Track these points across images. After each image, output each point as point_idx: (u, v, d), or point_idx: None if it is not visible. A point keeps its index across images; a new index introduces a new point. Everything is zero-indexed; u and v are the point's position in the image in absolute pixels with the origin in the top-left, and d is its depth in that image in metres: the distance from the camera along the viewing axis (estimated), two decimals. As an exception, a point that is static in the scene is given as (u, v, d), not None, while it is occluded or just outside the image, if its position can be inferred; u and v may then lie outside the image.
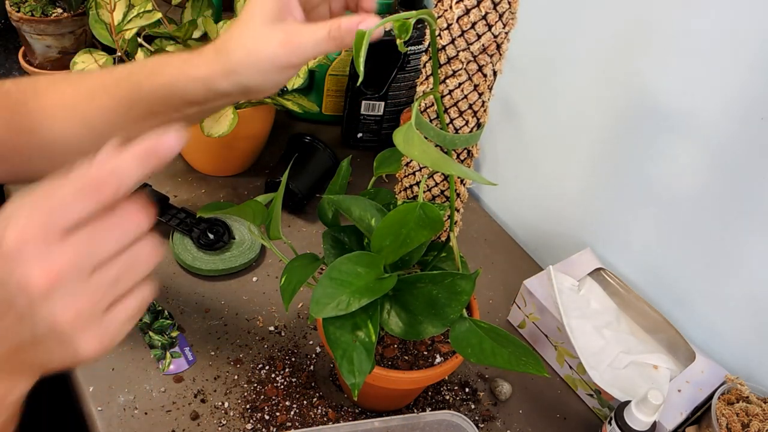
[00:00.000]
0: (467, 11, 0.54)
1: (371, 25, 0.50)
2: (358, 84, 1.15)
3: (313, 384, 0.85)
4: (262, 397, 0.82)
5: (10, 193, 1.01)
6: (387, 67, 1.12)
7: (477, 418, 0.85)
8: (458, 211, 0.70)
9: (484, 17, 0.54)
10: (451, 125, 0.61)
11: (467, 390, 0.88)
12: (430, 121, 0.62)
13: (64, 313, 0.38)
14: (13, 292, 0.37)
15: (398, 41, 0.48)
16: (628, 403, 0.75)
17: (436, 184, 0.68)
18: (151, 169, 0.39)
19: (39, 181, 0.38)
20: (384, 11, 1.14)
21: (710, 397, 0.82)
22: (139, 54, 0.97)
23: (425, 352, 0.75)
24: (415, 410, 0.84)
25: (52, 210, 0.36)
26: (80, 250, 0.37)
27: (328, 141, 1.12)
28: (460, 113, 0.60)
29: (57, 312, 0.37)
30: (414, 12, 0.47)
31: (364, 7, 0.60)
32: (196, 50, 0.60)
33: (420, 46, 1.11)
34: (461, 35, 0.55)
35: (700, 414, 0.82)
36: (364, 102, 1.16)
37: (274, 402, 0.82)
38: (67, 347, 0.39)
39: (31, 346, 0.39)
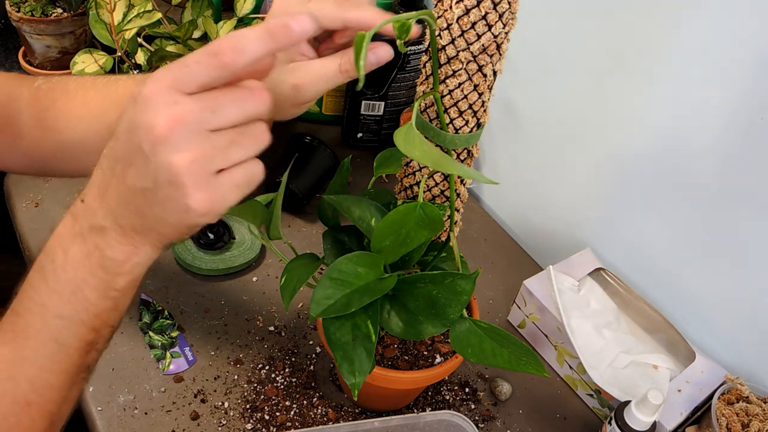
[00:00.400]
0: (467, 11, 0.54)
1: (383, 53, 0.51)
2: (358, 88, 1.15)
3: (313, 384, 0.85)
4: (262, 397, 0.82)
5: (10, 191, 1.01)
6: (387, 67, 1.11)
7: (477, 418, 0.85)
8: (458, 211, 0.70)
9: (484, 17, 0.54)
10: (451, 125, 0.61)
11: (467, 390, 0.88)
12: (430, 121, 0.62)
13: (180, 158, 0.41)
14: (141, 136, 0.41)
15: (398, 42, 0.48)
16: (628, 403, 0.75)
17: (436, 184, 0.68)
18: (279, 46, 0.42)
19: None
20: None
21: (710, 397, 0.82)
22: (139, 54, 0.97)
23: (425, 352, 0.75)
24: (415, 410, 0.84)
25: (181, 70, 0.41)
26: (203, 106, 0.42)
27: (328, 141, 1.12)
28: (460, 113, 0.60)
29: (174, 157, 0.41)
30: (414, 13, 0.47)
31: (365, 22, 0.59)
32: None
33: (420, 46, 1.11)
34: (461, 35, 0.55)
35: (700, 414, 0.82)
36: (364, 102, 1.16)
37: (274, 402, 0.82)
38: (180, 198, 0.43)
39: (151, 193, 0.43)
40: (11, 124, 0.65)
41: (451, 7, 0.54)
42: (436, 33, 0.57)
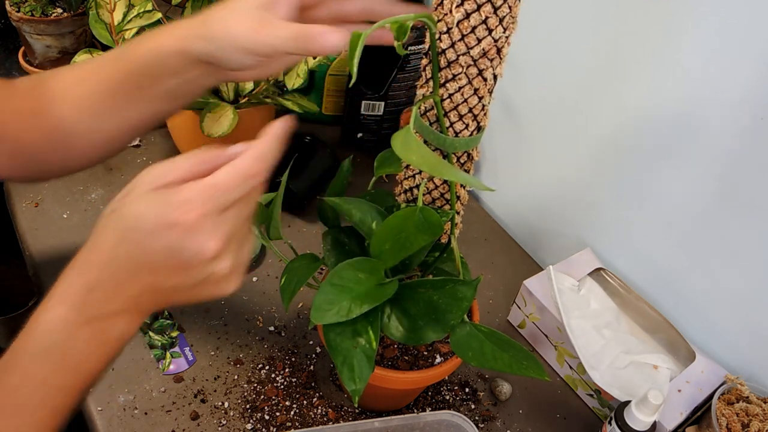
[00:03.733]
0: (467, 15, 0.54)
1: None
2: (350, 85, 1.15)
3: (313, 384, 0.85)
4: (262, 397, 0.82)
5: (10, 191, 1.01)
6: (387, 67, 1.12)
7: (477, 418, 0.85)
8: (458, 213, 0.70)
9: (485, 21, 0.54)
10: (450, 129, 0.61)
11: (467, 390, 0.88)
12: (430, 124, 0.61)
13: (226, 261, 0.51)
14: (190, 257, 0.49)
15: (396, 44, 0.47)
16: (628, 403, 0.76)
17: (436, 187, 0.68)
18: (278, 150, 0.53)
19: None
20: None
21: (710, 397, 0.82)
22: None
23: (425, 353, 0.75)
24: (415, 410, 0.84)
25: (219, 195, 0.49)
26: (235, 221, 0.50)
27: (328, 141, 1.12)
28: (460, 117, 0.60)
29: (223, 266, 0.51)
30: (412, 14, 0.47)
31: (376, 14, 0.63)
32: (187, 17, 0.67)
33: (420, 46, 1.11)
34: (461, 39, 0.55)
35: (700, 414, 0.83)
36: (364, 102, 1.16)
37: (274, 402, 0.82)
38: (224, 288, 0.53)
39: (194, 289, 0.52)
40: None
41: (451, 11, 0.54)
42: (436, 37, 0.57)
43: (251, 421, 0.79)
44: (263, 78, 0.60)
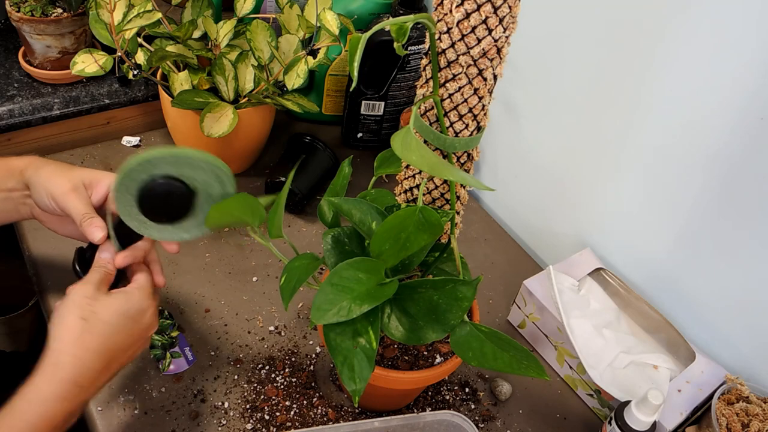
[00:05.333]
0: (467, 15, 0.53)
1: (94, 231, 0.69)
2: (351, 89, 1.15)
3: (313, 384, 0.85)
4: (262, 397, 0.82)
5: None
6: (387, 67, 1.12)
7: (477, 418, 0.85)
8: (458, 213, 0.70)
9: (485, 21, 0.54)
10: (450, 129, 0.61)
11: (467, 390, 0.88)
12: (430, 124, 0.61)
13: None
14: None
15: (396, 45, 0.47)
16: (628, 403, 0.76)
17: (436, 187, 0.68)
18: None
19: None
20: (383, 11, 1.14)
21: (710, 397, 0.82)
22: (139, 54, 0.97)
23: (425, 353, 0.75)
24: (415, 410, 0.84)
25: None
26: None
27: (328, 141, 1.12)
28: (460, 117, 0.60)
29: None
30: (412, 16, 0.47)
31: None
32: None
33: (420, 46, 1.11)
34: (461, 39, 0.55)
35: (700, 414, 0.83)
36: (364, 102, 1.16)
37: (274, 402, 0.82)
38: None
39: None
40: None
41: (451, 11, 0.54)
42: (436, 36, 0.57)
43: (251, 421, 0.80)
44: (60, 232, 0.78)
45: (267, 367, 0.86)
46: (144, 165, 0.64)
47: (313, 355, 0.88)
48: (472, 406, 0.86)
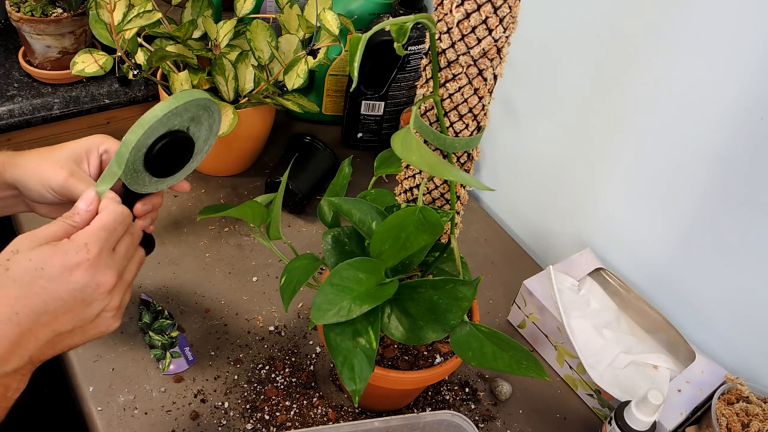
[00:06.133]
0: (467, 15, 0.53)
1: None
2: (351, 89, 1.15)
3: (313, 384, 0.85)
4: (262, 397, 0.82)
5: None
6: (387, 67, 1.12)
7: (477, 418, 0.85)
8: (458, 213, 0.70)
9: (485, 21, 0.54)
10: (451, 129, 0.61)
11: (467, 390, 0.88)
12: (430, 124, 0.61)
13: (117, 297, 0.60)
14: (91, 292, 0.57)
15: (396, 45, 0.47)
16: (628, 403, 0.76)
17: (436, 187, 0.68)
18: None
19: None
20: (383, 11, 1.14)
21: (710, 397, 0.82)
22: (139, 54, 0.97)
23: (425, 353, 0.75)
24: (415, 410, 0.84)
25: (107, 235, 0.58)
26: (123, 260, 0.61)
27: (328, 141, 1.12)
28: (460, 117, 0.60)
29: (115, 301, 0.59)
30: (412, 16, 0.47)
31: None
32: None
33: (420, 46, 1.11)
34: (461, 39, 0.55)
35: (700, 414, 0.83)
36: (364, 102, 1.16)
37: (274, 402, 0.82)
38: (111, 324, 0.60)
39: (85, 328, 0.59)
40: None
41: (451, 11, 0.54)
42: (436, 36, 0.57)
43: (251, 421, 0.80)
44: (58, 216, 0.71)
45: (267, 367, 0.86)
46: (147, 132, 0.62)
47: (313, 355, 0.88)
48: (472, 406, 0.86)
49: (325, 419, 0.81)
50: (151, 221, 0.70)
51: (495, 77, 0.59)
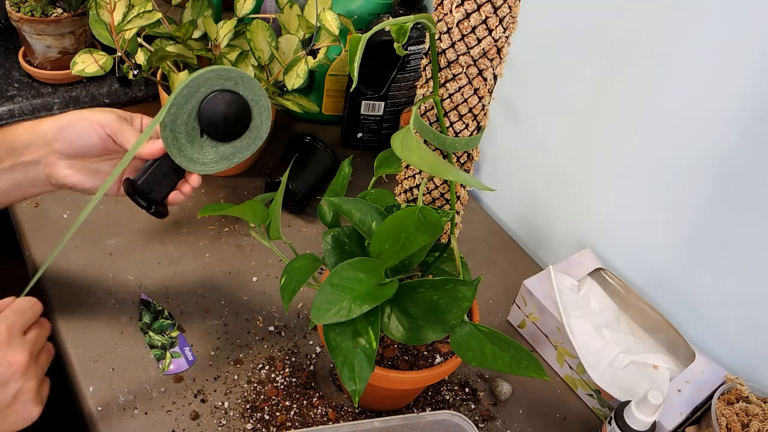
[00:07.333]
0: (467, 15, 0.54)
1: (147, 148, 0.69)
2: (351, 89, 1.15)
3: (313, 384, 0.85)
4: (262, 397, 0.82)
5: None
6: (387, 67, 1.12)
7: (477, 418, 0.85)
8: (458, 213, 0.70)
9: (485, 21, 0.54)
10: (450, 129, 0.61)
11: (467, 390, 0.88)
12: (430, 124, 0.61)
13: (32, 381, 0.60)
14: (3, 371, 0.58)
15: (396, 45, 0.47)
16: (628, 403, 0.76)
17: (436, 187, 0.68)
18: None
19: None
20: (383, 11, 1.14)
21: (710, 397, 0.82)
22: (139, 54, 0.97)
23: (425, 353, 0.75)
24: (415, 410, 0.84)
25: (16, 317, 0.61)
26: (34, 345, 0.62)
27: (328, 141, 1.12)
28: (460, 117, 0.60)
29: (30, 381, 0.60)
30: (412, 16, 0.47)
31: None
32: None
33: (420, 46, 1.11)
34: (461, 39, 0.55)
35: (700, 414, 0.83)
36: (364, 102, 1.16)
37: (274, 402, 0.82)
38: (29, 406, 0.60)
39: (3, 409, 0.59)
40: None
41: (451, 11, 0.54)
42: (436, 37, 0.57)
43: (251, 421, 0.80)
44: (86, 190, 0.73)
45: (267, 367, 0.86)
46: (191, 85, 0.62)
47: (313, 355, 0.88)
48: (472, 406, 0.86)
49: (325, 419, 0.81)
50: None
51: (495, 77, 0.59)
